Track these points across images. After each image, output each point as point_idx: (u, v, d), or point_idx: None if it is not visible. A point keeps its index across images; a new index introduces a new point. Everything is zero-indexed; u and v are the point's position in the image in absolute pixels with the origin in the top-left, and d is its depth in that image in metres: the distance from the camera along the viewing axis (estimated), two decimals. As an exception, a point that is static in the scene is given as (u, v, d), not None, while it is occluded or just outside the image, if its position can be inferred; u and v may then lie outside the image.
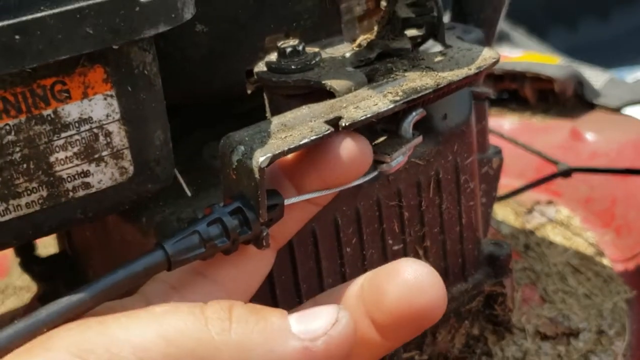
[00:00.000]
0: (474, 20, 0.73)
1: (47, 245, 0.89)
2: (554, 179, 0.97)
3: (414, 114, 0.56)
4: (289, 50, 0.58)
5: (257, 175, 0.48)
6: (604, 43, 2.79)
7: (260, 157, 0.48)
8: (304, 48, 0.59)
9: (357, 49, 0.61)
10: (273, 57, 0.60)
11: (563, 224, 1.01)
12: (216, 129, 0.68)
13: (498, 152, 0.79)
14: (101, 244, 0.70)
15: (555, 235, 0.99)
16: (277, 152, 0.48)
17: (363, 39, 0.62)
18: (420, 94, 0.54)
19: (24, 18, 0.42)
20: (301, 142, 0.49)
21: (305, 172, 0.51)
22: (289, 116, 0.53)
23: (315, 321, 0.41)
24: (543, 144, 1.10)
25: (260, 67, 0.60)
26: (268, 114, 0.61)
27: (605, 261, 0.92)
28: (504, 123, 1.20)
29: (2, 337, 0.42)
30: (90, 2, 0.43)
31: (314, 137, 0.50)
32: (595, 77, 1.26)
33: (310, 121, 0.52)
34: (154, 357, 0.39)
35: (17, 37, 0.42)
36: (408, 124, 0.56)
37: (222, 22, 0.56)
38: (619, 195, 0.99)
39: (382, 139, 0.56)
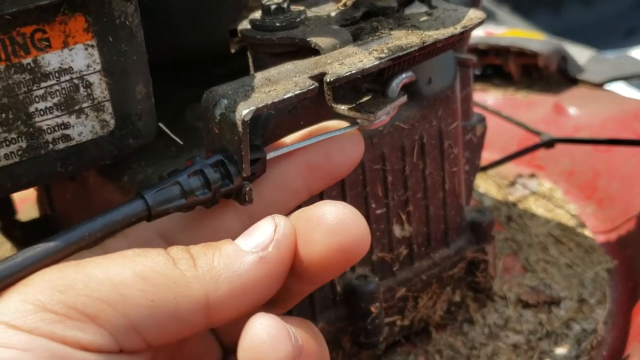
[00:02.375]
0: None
1: (28, 210, 0.88)
2: (537, 149, 0.97)
3: (403, 75, 0.55)
4: (273, 7, 0.58)
5: (240, 129, 0.48)
6: (587, 26, 2.80)
7: (244, 110, 0.47)
8: (288, 6, 0.58)
9: (342, 7, 0.61)
10: (257, 14, 0.59)
11: (545, 196, 1.01)
12: (198, 90, 0.68)
13: (482, 119, 0.79)
14: (82, 206, 0.69)
15: (537, 207, 0.99)
16: (260, 105, 0.48)
17: (348, -1, 0.61)
18: (405, 52, 0.53)
19: (2, -41, 0.41)
20: (285, 96, 0.49)
21: None
22: (273, 72, 0.52)
23: (259, 234, 0.45)
24: (526, 118, 1.10)
25: (245, 25, 0.59)
26: (251, 70, 0.60)
27: (587, 232, 0.92)
28: (487, 98, 1.20)
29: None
30: (71, -55, 0.43)
31: (299, 92, 0.49)
32: (579, 53, 1.26)
33: (295, 76, 0.51)
34: (133, 294, 0.40)
35: (-5, -22, 0.41)
36: (396, 85, 0.55)
37: (205, -23, 0.56)
38: (601, 167, 0.99)
39: (366, 98, 0.56)
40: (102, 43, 0.48)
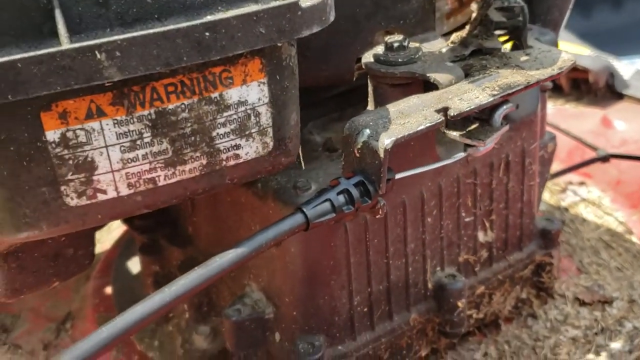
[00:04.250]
0: (542, 20, 0.82)
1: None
2: (594, 163, 1.06)
3: (504, 107, 0.65)
4: (396, 45, 0.67)
5: (382, 155, 0.57)
6: (617, 29, 2.87)
7: (386, 140, 0.57)
8: (408, 43, 0.68)
9: (451, 45, 0.70)
10: (379, 49, 0.68)
11: (595, 203, 1.11)
12: (314, 110, 0.78)
13: (552, 138, 0.88)
14: (207, 203, 0.79)
15: (587, 213, 1.09)
16: (399, 136, 0.58)
17: (455, 36, 0.71)
18: (514, 89, 0.63)
19: (213, 18, 0.51)
20: (418, 128, 0.59)
21: None
22: (402, 105, 0.62)
23: None
24: (576, 130, 1.19)
25: (367, 58, 0.69)
26: (370, 99, 0.70)
27: (634, 238, 1.02)
28: (538, 107, 1.29)
29: (173, 291, 0.51)
30: (265, 6, 0.52)
31: (429, 124, 0.59)
32: (624, 68, 1.35)
33: (423, 110, 0.61)
34: None
35: (207, 34, 0.51)
36: (499, 115, 0.65)
37: (341, 19, 0.65)
38: (647, 180, 1.09)
39: (474, 125, 0.66)
40: (271, 80, 0.57)
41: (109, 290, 0.98)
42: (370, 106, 0.70)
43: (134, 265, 1.01)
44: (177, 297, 0.50)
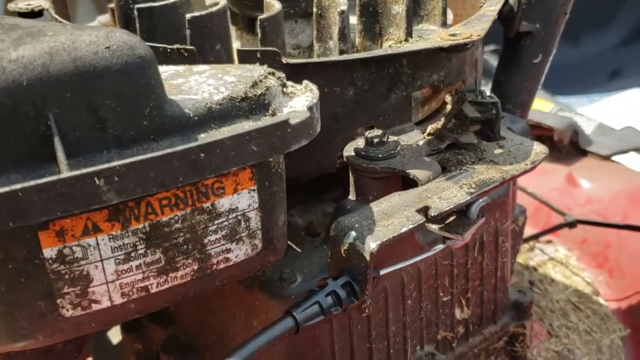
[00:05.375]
0: (512, 102, 0.86)
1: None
2: (561, 229, 1.10)
3: (480, 201, 0.68)
4: (376, 140, 0.70)
5: (368, 258, 0.60)
6: (573, 65, 2.95)
7: (372, 244, 0.60)
8: (387, 138, 0.70)
9: (427, 137, 0.73)
10: (360, 143, 0.71)
11: (562, 262, 1.15)
12: (296, 196, 0.80)
13: (523, 211, 0.92)
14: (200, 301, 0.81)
15: (555, 273, 1.13)
16: (384, 240, 0.60)
17: (431, 128, 0.74)
18: (490, 187, 0.66)
19: (208, 140, 0.53)
20: (402, 230, 0.61)
21: None
22: (384, 204, 0.64)
23: None
24: (542, 188, 1.24)
25: (349, 151, 0.71)
26: (352, 189, 0.72)
27: (601, 300, 1.06)
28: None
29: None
30: (257, 126, 0.54)
31: (412, 226, 0.62)
32: (586, 122, 1.40)
33: (405, 210, 0.63)
34: None
35: (202, 155, 0.53)
36: (475, 209, 0.68)
37: (323, 117, 0.67)
38: (611, 240, 1.13)
39: (452, 218, 0.69)
40: (261, 187, 0.60)
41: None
42: (352, 196, 0.72)
43: (115, 335, 1.01)
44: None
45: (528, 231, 1.20)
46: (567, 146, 1.32)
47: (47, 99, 0.50)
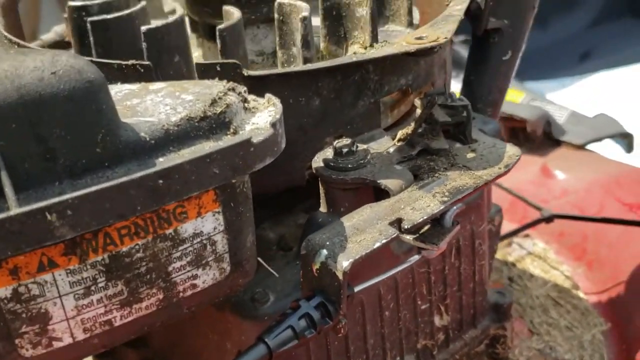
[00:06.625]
0: (482, 101, 0.84)
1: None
2: (539, 223, 1.09)
3: (454, 208, 0.66)
4: (345, 150, 0.67)
5: (341, 277, 0.57)
6: (542, 49, 2.94)
7: (344, 262, 0.57)
8: (356, 147, 0.68)
9: (398, 144, 0.71)
10: (328, 153, 0.69)
11: (540, 257, 1.13)
12: (265, 210, 0.77)
13: (499, 210, 0.90)
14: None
15: (534, 268, 1.11)
16: (357, 257, 0.58)
17: (401, 133, 0.71)
18: (463, 194, 0.64)
19: (166, 165, 0.50)
20: (375, 246, 0.59)
21: None
22: (356, 218, 0.62)
23: None
24: (517, 181, 1.22)
25: (318, 162, 0.69)
26: (322, 202, 0.70)
27: (581, 294, 1.05)
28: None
29: None
30: (218, 147, 0.52)
31: (385, 241, 0.60)
32: (558, 111, 1.39)
33: (377, 223, 0.61)
34: None
35: (160, 181, 0.50)
36: (450, 217, 0.66)
37: (290, 129, 0.65)
38: (589, 232, 1.12)
39: (426, 228, 0.66)
40: (226, 208, 0.57)
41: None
42: (323, 208, 0.70)
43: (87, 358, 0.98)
44: None
45: (506, 225, 1.19)
46: (541, 137, 1.30)
47: (-9, 132, 0.47)
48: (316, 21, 0.79)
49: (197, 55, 0.84)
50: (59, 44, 0.94)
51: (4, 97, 0.47)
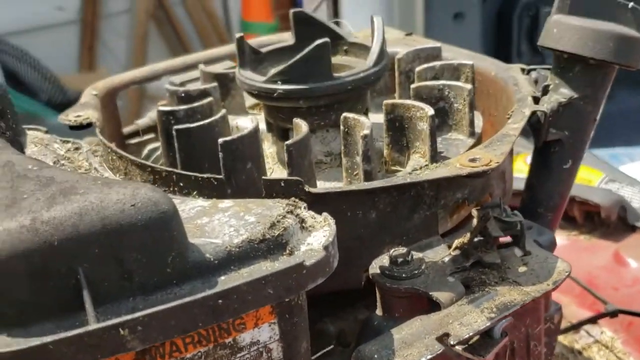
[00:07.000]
0: (544, 206, 0.86)
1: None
2: (603, 317, 1.09)
3: (504, 321, 0.69)
4: (400, 260, 0.72)
5: (385, 390, 0.62)
6: (609, 119, 2.89)
7: (391, 380, 0.61)
8: (412, 257, 0.72)
9: (453, 253, 0.75)
10: (385, 260, 0.73)
11: (607, 346, 1.13)
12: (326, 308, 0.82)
13: (559, 309, 0.92)
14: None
15: (600, 357, 1.11)
16: (403, 375, 0.62)
17: (457, 242, 0.75)
18: (511, 310, 0.67)
19: (226, 287, 0.56)
20: (420, 361, 0.63)
21: None
22: (405, 330, 0.66)
23: None
24: (589, 264, 1.22)
25: (374, 269, 0.73)
26: (379, 305, 0.74)
27: (647, 390, 1.04)
28: (553, 239, 1.32)
29: None
30: (273, 270, 0.57)
31: (430, 356, 0.63)
32: (637, 195, 1.38)
33: (425, 338, 0.65)
34: None
35: (220, 301, 0.56)
36: (498, 329, 0.69)
37: (348, 239, 0.70)
38: (658, 326, 1.11)
39: (475, 339, 0.70)
40: (281, 319, 0.62)
41: None
42: (379, 310, 0.74)
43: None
44: None
45: (575, 311, 1.20)
46: (615, 222, 1.30)
47: (77, 256, 0.54)
48: (379, 118, 0.83)
49: (271, 151, 0.90)
50: (152, 129, 1.03)
51: (89, 227, 0.54)
